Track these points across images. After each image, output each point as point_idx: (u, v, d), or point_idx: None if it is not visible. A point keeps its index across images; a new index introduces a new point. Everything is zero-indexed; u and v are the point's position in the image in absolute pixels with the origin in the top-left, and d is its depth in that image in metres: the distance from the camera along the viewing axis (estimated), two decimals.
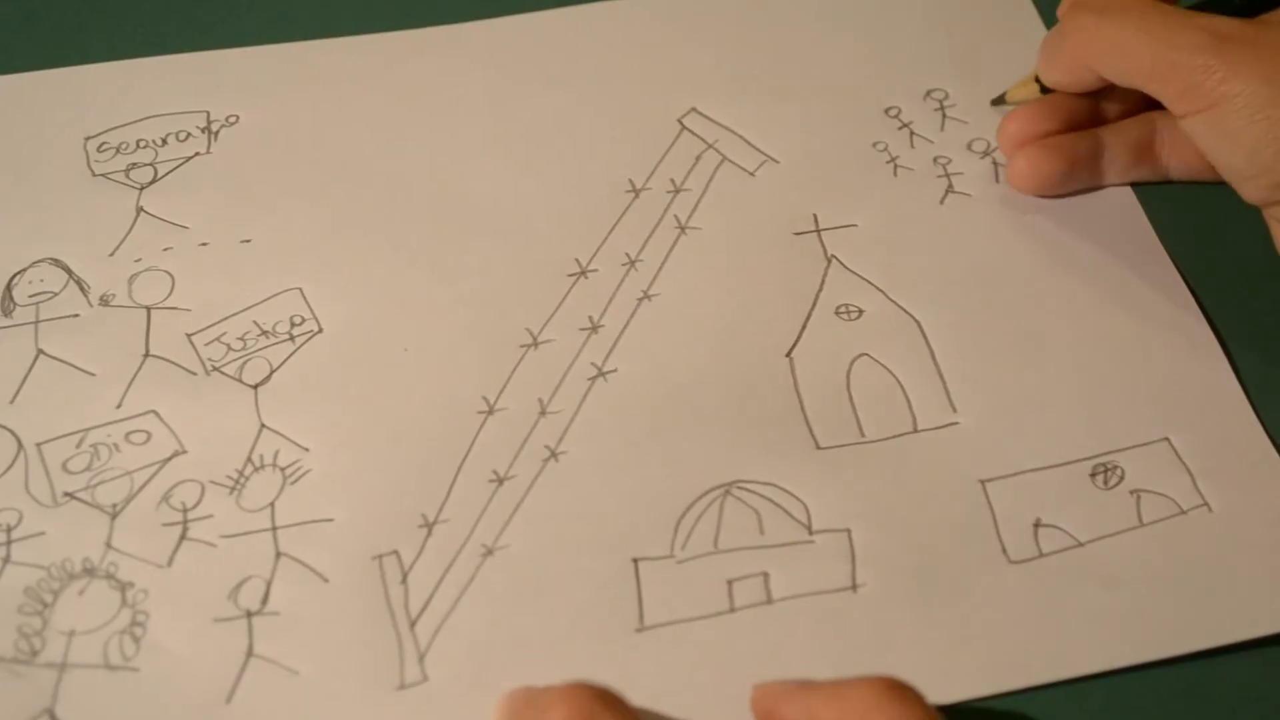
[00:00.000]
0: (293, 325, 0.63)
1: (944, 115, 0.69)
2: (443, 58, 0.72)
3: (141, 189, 0.67)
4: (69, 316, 0.63)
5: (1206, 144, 0.59)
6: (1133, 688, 0.54)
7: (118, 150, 0.68)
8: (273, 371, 0.62)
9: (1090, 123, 0.65)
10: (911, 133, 0.69)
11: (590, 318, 0.63)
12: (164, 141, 0.68)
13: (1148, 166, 0.65)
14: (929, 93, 0.70)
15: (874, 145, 0.69)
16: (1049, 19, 0.72)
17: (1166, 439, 0.60)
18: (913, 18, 0.73)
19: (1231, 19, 0.59)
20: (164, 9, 0.73)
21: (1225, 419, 0.60)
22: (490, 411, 0.61)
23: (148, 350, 0.62)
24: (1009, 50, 0.71)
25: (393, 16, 0.72)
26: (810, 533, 0.58)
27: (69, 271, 0.64)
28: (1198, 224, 0.63)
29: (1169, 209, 0.66)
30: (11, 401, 0.61)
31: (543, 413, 0.61)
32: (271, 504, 0.58)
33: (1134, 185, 0.66)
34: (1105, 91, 0.63)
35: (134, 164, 0.68)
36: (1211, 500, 0.58)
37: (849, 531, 0.58)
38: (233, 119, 0.69)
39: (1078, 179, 0.65)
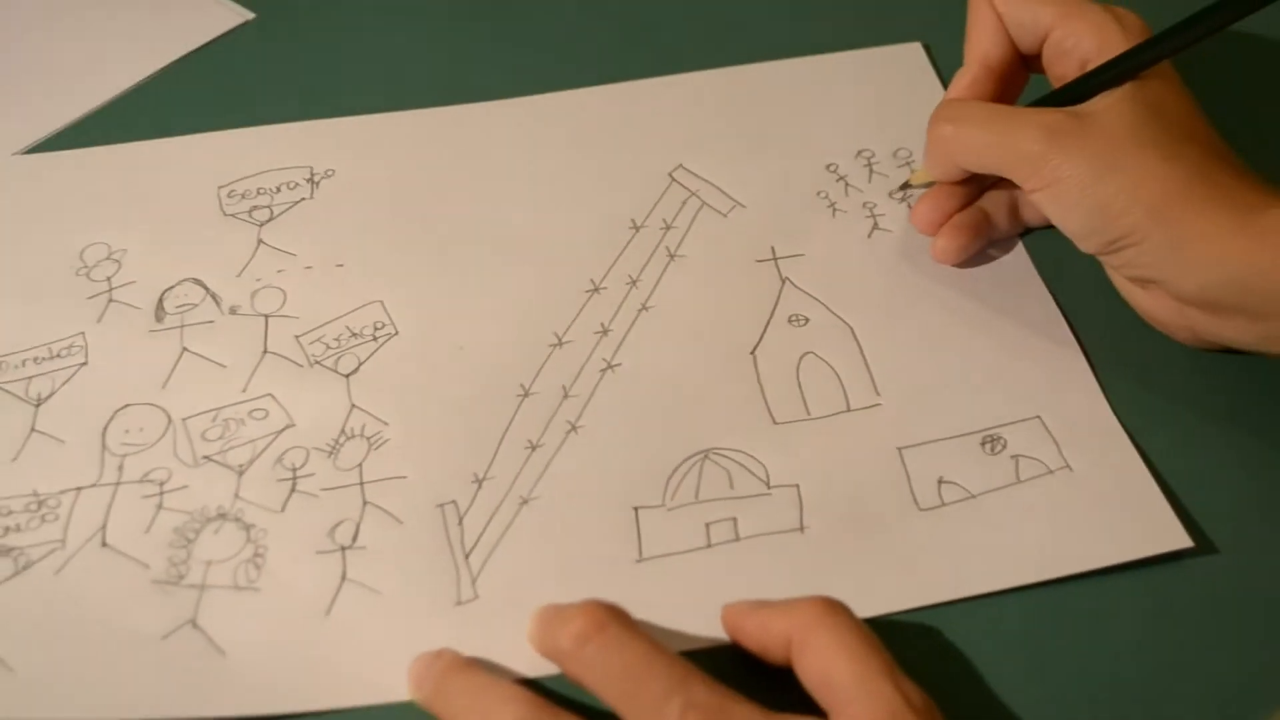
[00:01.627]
0: (375, 329, 0.63)
1: (870, 170, 0.69)
2: (488, 125, 0.71)
3: (261, 225, 0.67)
4: (206, 323, 0.63)
5: (1049, 212, 0.59)
6: (1010, 604, 0.55)
7: (243, 196, 0.68)
8: (360, 364, 0.62)
9: (977, 195, 0.65)
10: (846, 184, 0.69)
11: (602, 324, 0.63)
12: (278, 189, 0.68)
13: (1017, 223, 0.65)
14: (859, 152, 0.70)
15: (818, 193, 0.68)
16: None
17: (1039, 417, 0.60)
18: (847, 96, 0.73)
19: (1059, 111, 0.58)
20: (279, 89, 0.73)
21: (1082, 402, 0.60)
22: (525, 395, 0.61)
23: (266, 348, 0.62)
24: (921, 120, 0.69)
25: (450, 94, 0.72)
26: (768, 487, 0.58)
27: (206, 288, 0.64)
28: (1062, 254, 0.63)
29: (1040, 243, 0.66)
30: (163, 387, 0.61)
31: (565, 396, 0.61)
32: (359, 465, 0.58)
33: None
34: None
35: (255, 206, 0.67)
36: (1072, 463, 0.58)
37: (798, 487, 0.58)
38: (330, 172, 0.69)
39: (979, 243, 0.64)
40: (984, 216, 0.65)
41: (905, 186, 0.67)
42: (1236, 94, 0.69)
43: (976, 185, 0.65)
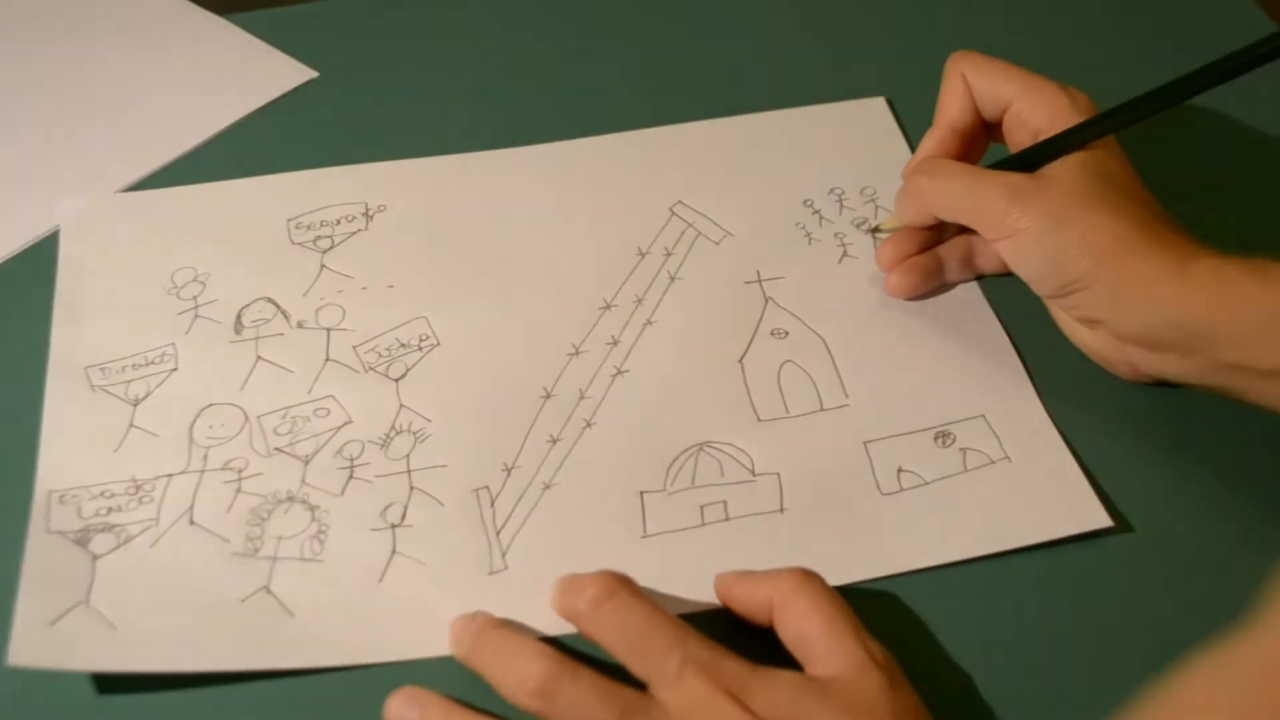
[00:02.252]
0: (421, 340, 0.63)
1: (841, 204, 0.70)
2: (516, 167, 0.72)
3: (324, 253, 0.67)
4: (277, 335, 0.64)
5: (1009, 259, 0.59)
6: (958, 575, 0.56)
7: (308, 228, 0.68)
8: (408, 370, 0.62)
9: (935, 242, 0.65)
10: (820, 216, 0.69)
11: (612, 336, 0.63)
12: (338, 222, 0.69)
13: (970, 270, 0.66)
14: (831, 189, 0.70)
15: (795, 224, 0.69)
16: (913, 140, 0.73)
17: (983, 416, 0.60)
18: (821, 142, 0.73)
19: (1020, 174, 0.59)
20: (339, 136, 0.74)
21: (1020, 404, 0.61)
22: (548, 396, 0.61)
23: (328, 356, 0.63)
24: (884, 163, 0.71)
25: (485, 141, 0.73)
26: (754, 475, 0.58)
27: (277, 306, 0.65)
28: (1006, 286, 0.63)
29: (989, 281, 0.67)
30: (241, 389, 0.61)
31: (581, 397, 0.61)
32: (407, 455, 0.59)
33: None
34: (941, 225, 0.64)
35: (318, 236, 0.68)
36: (1011, 455, 0.59)
37: (779, 475, 0.58)
38: (383, 207, 0.69)
39: (929, 284, 0.65)
40: (937, 262, 0.65)
41: (876, 230, 0.68)
42: (1175, 161, 0.70)
43: (935, 235, 0.65)
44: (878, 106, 0.75)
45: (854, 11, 0.82)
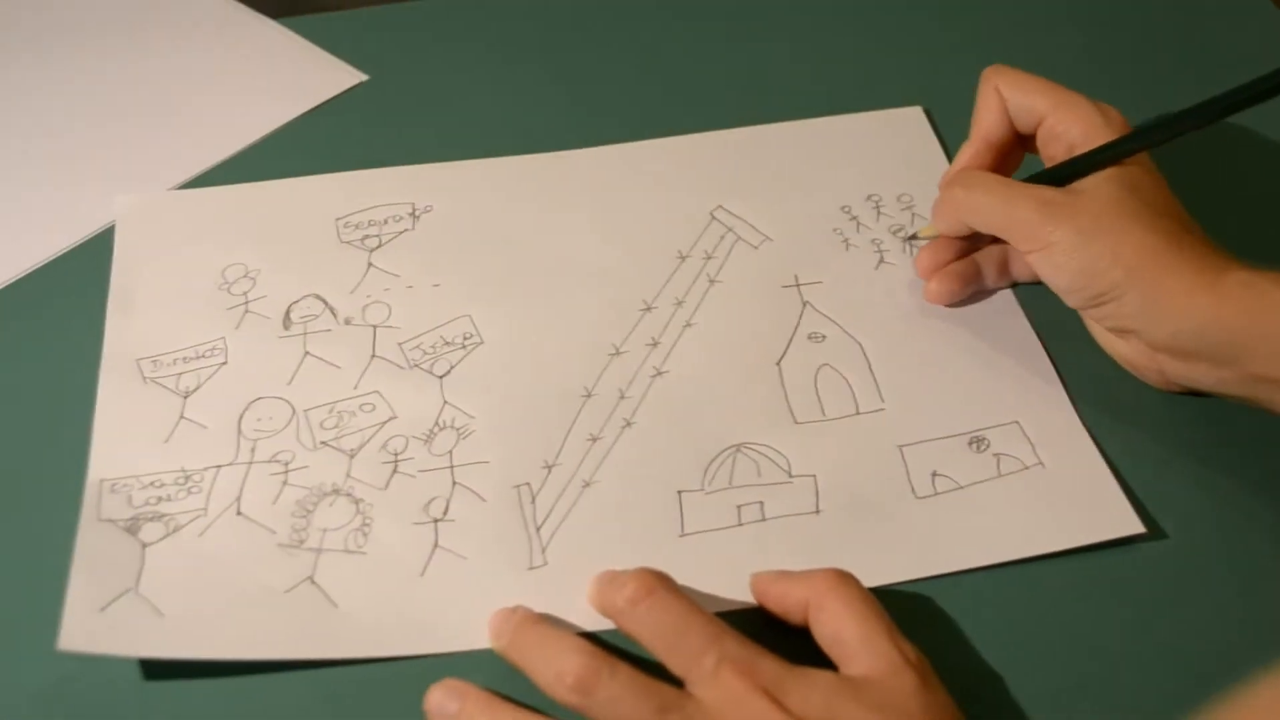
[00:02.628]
0: (465, 339, 0.63)
1: (878, 211, 0.69)
2: (561, 171, 0.71)
3: (371, 251, 0.67)
4: (325, 331, 0.63)
5: (1041, 271, 0.58)
6: (990, 579, 0.55)
7: (356, 227, 0.68)
8: (452, 368, 0.62)
9: (972, 249, 0.65)
10: (858, 223, 0.68)
11: (653, 337, 0.63)
12: (385, 222, 0.68)
13: (1006, 277, 0.65)
14: (869, 196, 0.70)
15: (834, 230, 0.68)
16: (950, 149, 0.72)
17: (1017, 422, 0.60)
18: (859, 149, 0.72)
19: (1052, 188, 0.59)
20: (387, 137, 0.74)
21: (1053, 410, 0.60)
22: (588, 396, 0.61)
23: (374, 353, 0.62)
24: (921, 171, 0.70)
25: (530, 144, 0.72)
26: (790, 477, 0.58)
27: (325, 302, 0.64)
28: (1039, 292, 0.63)
29: (1023, 287, 0.66)
30: (289, 383, 0.61)
31: (622, 397, 0.61)
32: (450, 451, 0.59)
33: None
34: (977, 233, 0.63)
35: (366, 235, 0.68)
36: (1044, 460, 0.58)
37: (815, 476, 0.58)
38: (429, 208, 0.69)
39: (967, 290, 0.64)
40: (975, 268, 0.64)
41: (913, 238, 0.67)
42: (1207, 175, 0.68)
43: (972, 243, 0.64)
44: (915, 116, 0.74)
45: (892, 22, 0.81)
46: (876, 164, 0.72)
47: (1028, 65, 0.63)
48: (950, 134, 0.72)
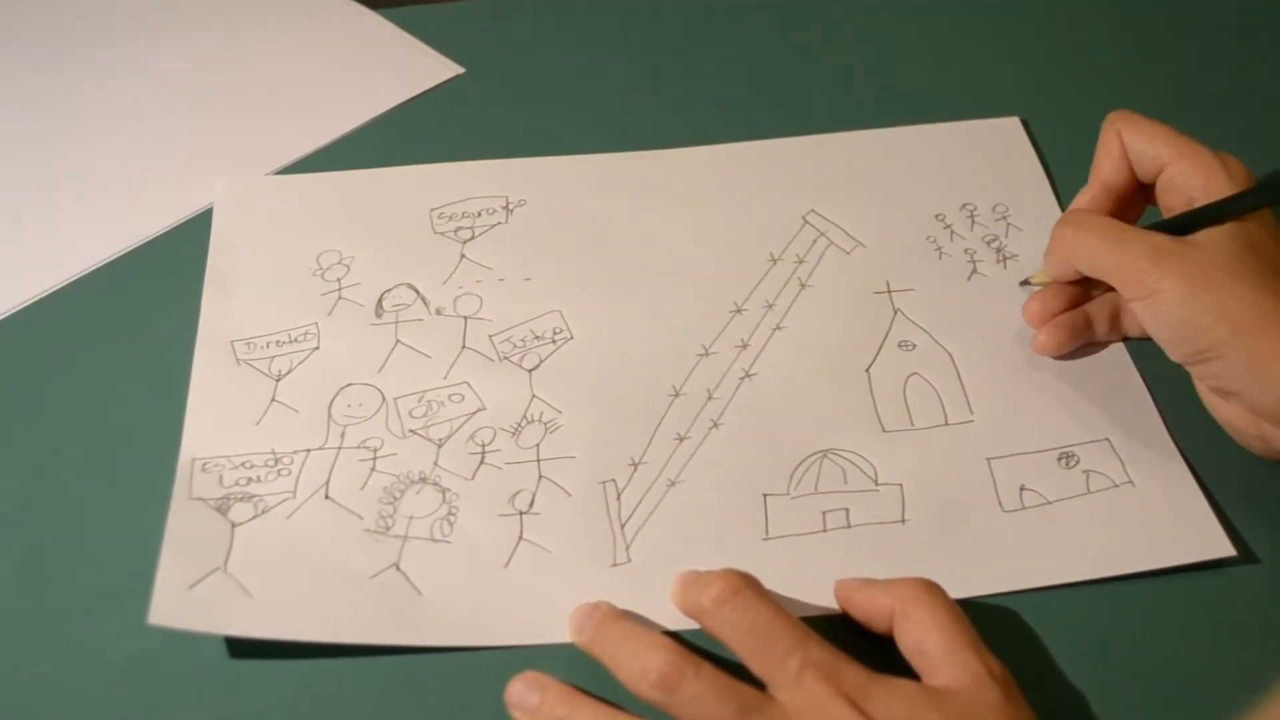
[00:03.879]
0: (555, 334, 0.63)
1: (973, 220, 0.69)
2: (655, 170, 0.72)
3: (464, 243, 0.67)
4: (416, 320, 0.64)
5: (1145, 321, 0.57)
6: (1076, 596, 0.54)
7: (450, 218, 0.69)
8: (541, 362, 0.62)
9: (1084, 300, 0.63)
10: (951, 231, 0.68)
11: (742, 339, 0.63)
12: (479, 214, 0.69)
13: (1117, 331, 0.63)
14: (963, 205, 0.69)
15: (927, 238, 0.68)
16: (1048, 161, 0.71)
17: (1108, 439, 0.59)
18: (955, 158, 0.72)
19: (1166, 236, 0.57)
20: (482, 131, 0.74)
21: (1145, 428, 0.60)
22: (676, 395, 0.61)
23: (464, 344, 0.63)
24: (1017, 182, 0.70)
25: (624, 142, 0.73)
26: (876, 485, 0.58)
27: (417, 292, 0.65)
28: None
29: None
30: (379, 371, 0.62)
31: (709, 398, 0.61)
32: (537, 445, 0.59)
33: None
34: (1090, 280, 0.61)
35: (460, 227, 0.68)
36: (1135, 479, 0.58)
37: (901, 485, 0.58)
38: (523, 202, 0.70)
39: (1076, 342, 0.62)
40: (1085, 320, 0.63)
41: (1025, 283, 0.66)
42: None
43: (1084, 292, 0.63)
44: (1012, 126, 0.74)
45: (990, 30, 0.81)
46: (972, 173, 0.71)
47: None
48: (1048, 146, 0.72)
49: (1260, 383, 0.54)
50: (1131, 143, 0.60)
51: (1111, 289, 0.60)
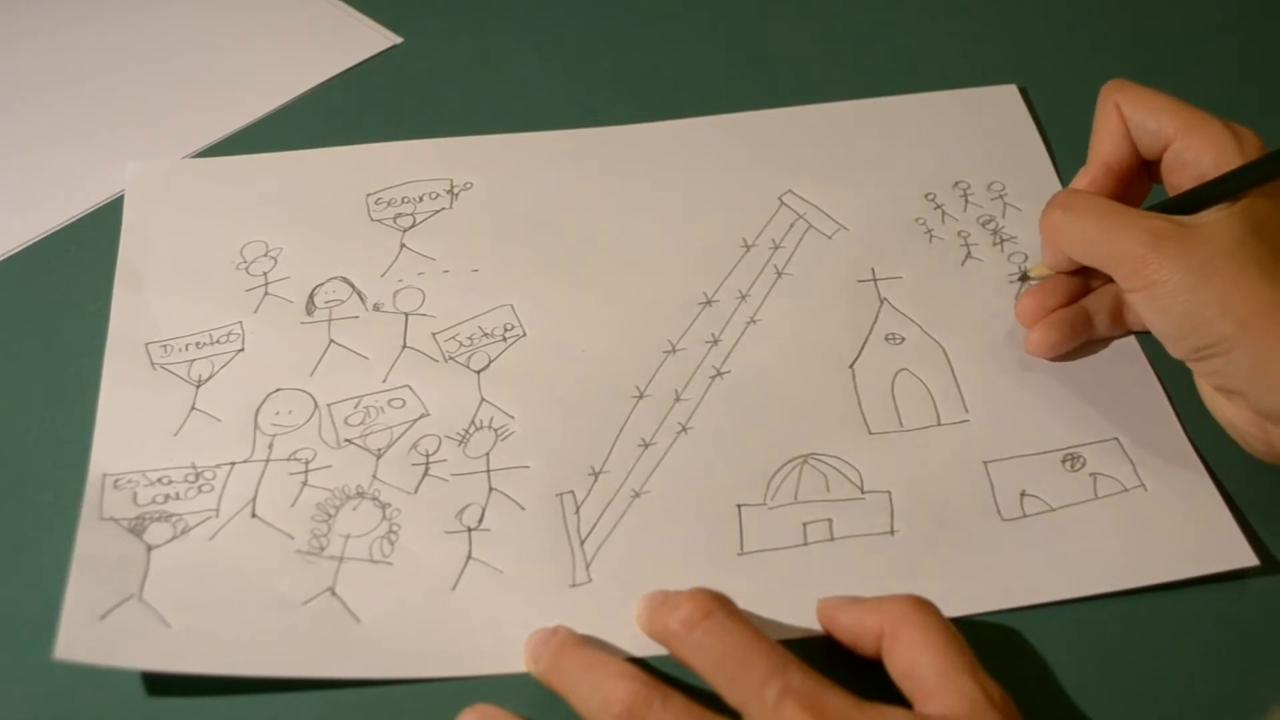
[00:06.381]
0: (505, 330, 0.63)
1: (966, 200, 0.69)
2: (614, 148, 0.71)
3: (404, 231, 0.67)
4: (352, 317, 0.64)
5: (1143, 313, 0.56)
6: (1085, 612, 0.54)
7: (389, 204, 0.68)
8: (490, 362, 0.62)
9: (1084, 293, 0.63)
10: (943, 212, 0.68)
11: (712, 334, 0.63)
12: (420, 199, 0.69)
13: (1120, 325, 0.63)
14: (956, 183, 0.70)
15: (916, 220, 0.68)
16: (1047, 132, 0.72)
17: (1116, 439, 0.59)
18: (946, 131, 0.72)
19: (1167, 217, 0.56)
20: (423, 107, 0.74)
21: (1158, 427, 0.60)
22: (640, 396, 0.61)
23: (405, 343, 0.63)
24: (1015, 156, 0.70)
25: (579, 118, 0.73)
26: (862, 492, 0.58)
27: (353, 286, 0.65)
28: None
29: None
30: (311, 374, 0.61)
31: (677, 399, 0.61)
32: (487, 454, 0.59)
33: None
34: (1090, 272, 0.61)
35: (399, 214, 0.68)
36: (1147, 483, 0.58)
37: (889, 493, 0.58)
38: (468, 185, 0.69)
39: (1074, 341, 0.62)
40: (1084, 316, 0.62)
41: (1024, 277, 0.66)
42: None
43: (1084, 284, 0.63)
44: (1009, 95, 0.74)
45: None
46: (965, 147, 0.71)
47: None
48: (1048, 116, 0.72)
49: (1266, 383, 0.53)
50: (1132, 116, 0.60)
51: (1112, 279, 0.60)
